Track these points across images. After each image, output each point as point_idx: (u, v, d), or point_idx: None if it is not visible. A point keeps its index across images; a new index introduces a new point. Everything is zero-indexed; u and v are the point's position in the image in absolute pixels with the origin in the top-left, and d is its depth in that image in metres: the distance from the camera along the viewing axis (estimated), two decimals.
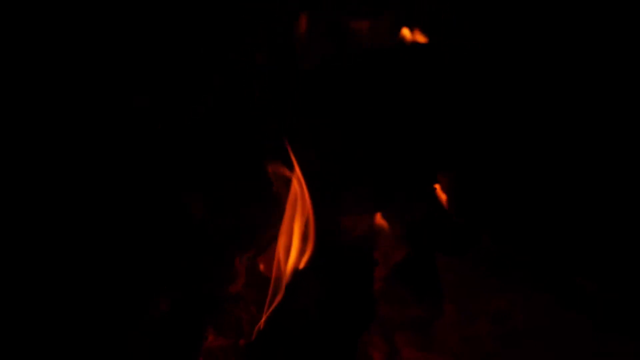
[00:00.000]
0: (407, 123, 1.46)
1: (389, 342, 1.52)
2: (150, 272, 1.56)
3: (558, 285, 1.49)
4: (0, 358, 1.43)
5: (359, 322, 1.35)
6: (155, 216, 1.58)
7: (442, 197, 1.52)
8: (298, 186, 1.42)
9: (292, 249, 1.46)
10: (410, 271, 1.55)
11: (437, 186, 1.52)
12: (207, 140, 1.62)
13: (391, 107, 1.46)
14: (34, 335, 1.43)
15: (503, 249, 1.50)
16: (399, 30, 1.48)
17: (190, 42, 1.54)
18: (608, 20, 1.44)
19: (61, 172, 1.53)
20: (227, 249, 1.64)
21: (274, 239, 1.55)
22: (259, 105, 1.49)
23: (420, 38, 1.48)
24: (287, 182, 1.46)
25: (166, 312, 1.53)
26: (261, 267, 1.65)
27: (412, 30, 1.48)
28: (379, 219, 1.54)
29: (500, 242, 1.48)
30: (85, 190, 1.54)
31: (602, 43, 1.45)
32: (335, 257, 1.40)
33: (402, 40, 1.48)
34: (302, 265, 1.42)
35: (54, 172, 1.53)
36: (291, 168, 1.43)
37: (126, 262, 1.54)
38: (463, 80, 1.46)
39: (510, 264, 1.52)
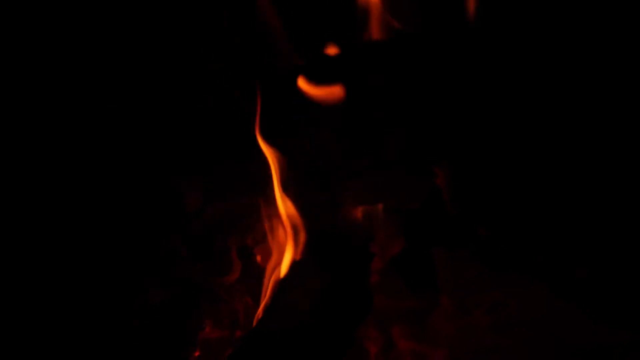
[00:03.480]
0: (406, 114, 1.46)
1: (385, 334, 1.52)
2: (146, 264, 1.56)
3: (555, 278, 1.49)
4: None
5: (356, 314, 1.35)
6: (151, 207, 1.57)
7: (440, 189, 1.52)
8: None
9: (288, 241, 1.46)
10: (406, 264, 1.55)
11: (435, 178, 1.52)
12: (204, 132, 1.62)
13: (390, 98, 1.46)
14: (28, 325, 1.43)
15: (500, 241, 1.50)
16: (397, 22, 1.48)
17: (190, 41, 1.54)
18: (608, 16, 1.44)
19: (57, 164, 1.53)
20: (223, 239, 1.64)
21: (270, 229, 1.55)
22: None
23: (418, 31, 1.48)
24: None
25: (162, 304, 1.53)
26: (258, 257, 1.65)
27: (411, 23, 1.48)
28: (376, 211, 1.54)
29: (498, 234, 1.49)
30: (80, 180, 1.53)
31: (601, 35, 1.45)
32: (332, 249, 1.40)
33: (401, 32, 1.48)
34: (298, 257, 1.42)
35: (48, 162, 1.53)
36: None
37: (121, 253, 1.54)
38: (462, 72, 1.45)
39: (506, 256, 1.52)
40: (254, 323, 1.45)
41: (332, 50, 1.49)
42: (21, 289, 1.46)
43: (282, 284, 1.39)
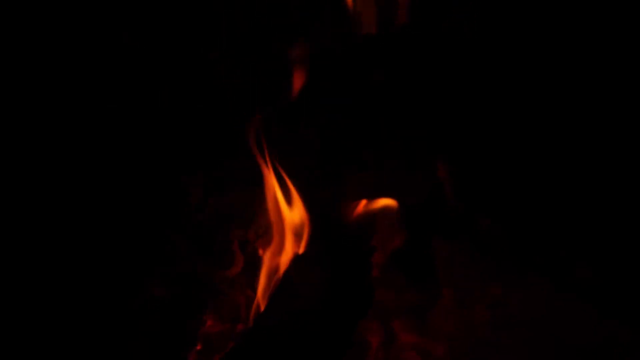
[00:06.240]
0: (408, 108, 1.45)
1: (386, 327, 1.53)
2: (147, 257, 1.57)
3: (555, 272, 1.49)
4: None
5: (357, 308, 1.35)
6: (153, 202, 1.58)
7: (442, 183, 1.52)
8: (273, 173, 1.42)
9: (289, 234, 1.46)
10: (407, 258, 1.56)
11: (437, 171, 1.52)
12: (206, 122, 1.61)
13: (392, 92, 1.45)
14: (29, 325, 1.44)
15: (501, 238, 1.50)
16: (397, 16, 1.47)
17: (191, 40, 1.53)
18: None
19: (57, 163, 1.53)
20: (225, 232, 1.64)
21: (273, 223, 1.55)
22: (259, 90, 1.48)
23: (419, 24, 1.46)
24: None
25: (164, 298, 1.54)
26: (260, 251, 1.65)
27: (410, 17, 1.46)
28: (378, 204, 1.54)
29: (499, 231, 1.49)
30: (80, 178, 1.54)
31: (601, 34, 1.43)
32: (334, 242, 1.40)
33: (402, 26, 1.47)
34: (301, 251, 1.42)
35: (48, 161, 1.53)
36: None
37: (122, 247, 1.54)
38: (463, 66, 1.44)
39: (507, 250, 1.52)
40: (252, 316, 1.46)
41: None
42: (21, 289, 1.47)
43: (284, 277, 1.39)
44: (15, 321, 1.44)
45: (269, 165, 1.41)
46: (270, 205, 1.47)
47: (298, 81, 1.40)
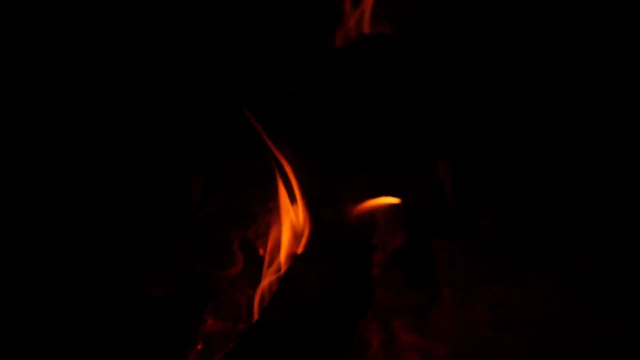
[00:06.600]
0: (407, 108, 1.45)
1: (386, 327, 1.53)
2: (147, 257, 1.57)
3: (555, 272, 1.49)
4: None
5: (357, 308, 1.35)
6: (153, 202, 1.58)
7: (442, 183, 1.51)
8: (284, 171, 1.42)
9: (289, 233, 1.46)
10: (407, 257, 1.55)
11: (437, 171, 1.52)
12: (205, 122, 1.62)
13: (392, 91, 1.45)
14: (29, 325, 1.44)
15: (501, 237, 1.50)
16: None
17: (191, 41, 1.53)
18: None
19: (57, 163, 1.54)
20: (225, 232, 1.64)
21: (273, 222, 1.55)
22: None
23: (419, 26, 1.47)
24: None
25: (164, 298, 1.54)
26: (260, 250, 1.65)
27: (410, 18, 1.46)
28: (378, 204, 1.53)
29: (499, 230, 1.48)
30: (80, 178, 1.54)
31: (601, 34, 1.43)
32: (335, 242, 1.39)
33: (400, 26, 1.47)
34: (300, 250, 1.42)
35: (47, 161, 1.53)
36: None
37: (122, 247, 1.54)
38: (463, 65, 1.44)
39: (507, 250, 1.52)
40: (252, 315, 1.46)
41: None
42: (22, 289, 1.47)
43: (284, 277, 1.39)
44: (15, 321, 1.44)
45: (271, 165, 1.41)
46: (274, 204, 1.48)
47: None
